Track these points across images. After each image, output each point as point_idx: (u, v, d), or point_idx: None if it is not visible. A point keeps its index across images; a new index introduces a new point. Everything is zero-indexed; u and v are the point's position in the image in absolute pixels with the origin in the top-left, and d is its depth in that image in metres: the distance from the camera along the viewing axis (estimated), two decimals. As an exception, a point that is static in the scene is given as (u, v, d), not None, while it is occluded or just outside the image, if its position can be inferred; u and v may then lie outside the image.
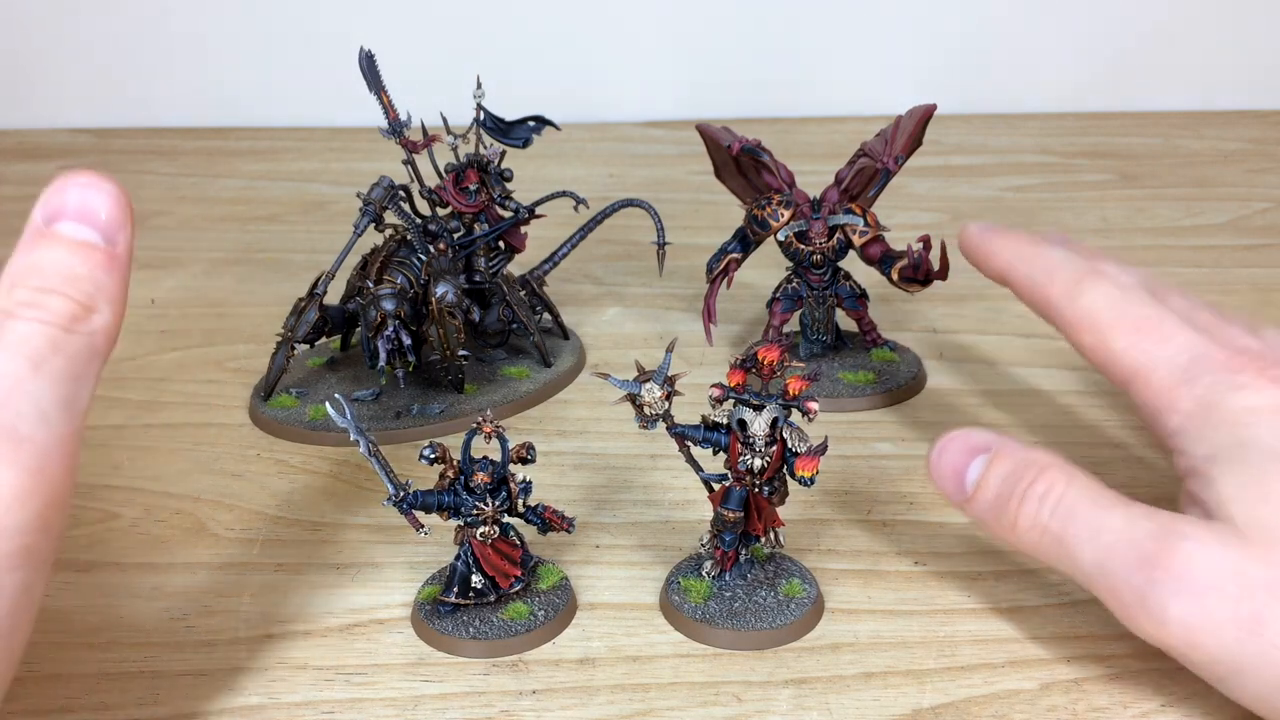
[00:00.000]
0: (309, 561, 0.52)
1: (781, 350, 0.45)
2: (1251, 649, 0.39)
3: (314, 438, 0.62)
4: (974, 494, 0.45)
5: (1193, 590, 0.39)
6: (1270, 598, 0.39)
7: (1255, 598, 0.39)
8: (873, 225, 0.64)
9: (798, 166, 0.67)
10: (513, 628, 0.47)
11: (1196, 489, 0.43)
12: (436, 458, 0.45)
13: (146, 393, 0.67)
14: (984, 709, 0.43)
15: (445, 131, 0.65)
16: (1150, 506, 0.42)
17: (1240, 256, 0.84)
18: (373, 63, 0.63)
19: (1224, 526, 0.41)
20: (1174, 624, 0.40)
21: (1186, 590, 0.39)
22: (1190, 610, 0.39)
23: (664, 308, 0.77)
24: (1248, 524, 0.40)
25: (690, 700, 0.44)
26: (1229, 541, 0.40)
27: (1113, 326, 0.47)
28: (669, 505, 0.56)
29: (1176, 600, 0.39)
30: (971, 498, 0.45)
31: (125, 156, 1.12)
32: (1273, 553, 0.39)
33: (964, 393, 0.65)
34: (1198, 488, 0.43)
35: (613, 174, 1.04)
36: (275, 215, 0.96)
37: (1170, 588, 0.40)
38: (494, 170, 0.65)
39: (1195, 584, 0.39)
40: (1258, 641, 0.39)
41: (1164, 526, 0.41)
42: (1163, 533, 0.41)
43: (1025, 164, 1.05)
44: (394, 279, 0.62)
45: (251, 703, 0.44)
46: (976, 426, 0.47)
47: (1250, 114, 1.18)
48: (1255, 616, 0.39)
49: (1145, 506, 0.42)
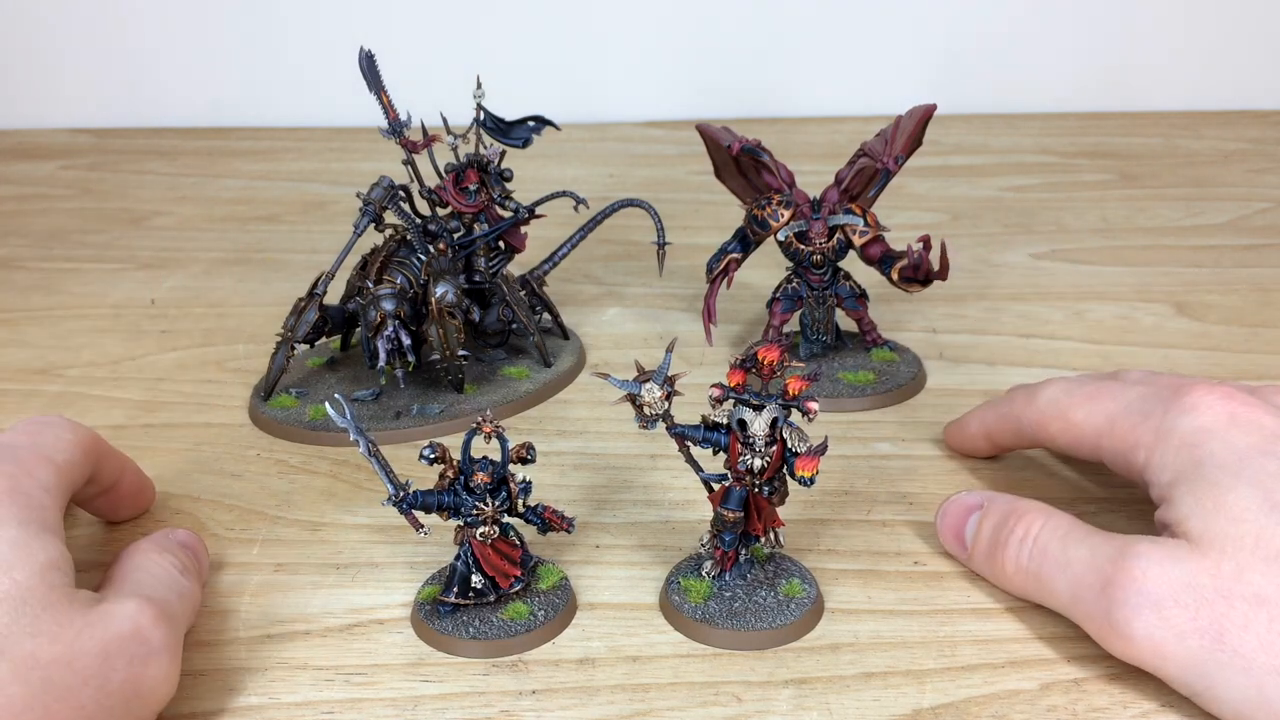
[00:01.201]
0: (309, 561, 0.52)
1: (781, 350, 0.45)
2: (1219, 658, 0.40)
3: (314, 438, 0.62)
4: (972, 549, 0.50)
5: (1151, 604, 0.41)
6: (1228, 606, 0.40)
7: (1213, 607, 0.40)
8: (873, 225, 0.64)
9: (798, 166, 0.67)
10: (513, 628, 0.47)
11: (1164, 515, 0.45)
12: (436, 458, 0.45)
13: (146, 393, 0.67)
14: (984, 709, 0.43)
15: (445, 131, 0.65)
16: (1114, 534, 0.44)
17: (1240, 256, 0.84)
18: (373, 63, 0.63)
19: (1177, 542, 0.42)
20: (1140, 639, 0.41)
21: (1146, 605, 0.41)
22: (1152, 624, 0.41)
23: (664, 308, 0.77)
24: (1202, 535, 0.42)
25: (690, 700, 0.44)
26: (1179, 555, 0.42)
27: (1070, 406, 0.51)
28: (669, 505, 0.56)
29: (1138, 615, 0.41)
30: (970, 553, 0.50)
31: (125, 156, 1.12)
32: (1224, 562, 0.41)
33: (964, 393, 0.65)
34: (1164, 514, 0.45)
35: (613, 174, 1.04)
36: (275, 215, 0.96)
37: (1131, 604, 0.41)
38: (494, 170, 0.65)
39: (1152, 598, 0.41)
40: (1222, 649, 0.40)
41: (1119, 548, 0.43)
42: (1119, 554, 0.43)
43: (1025, 164, 1.05)
44: (394, 279, 0.62)
45: (251, 703, 0.44)
46: (972, 489, 0.52)
47: (1250, 114, 1.18)
48: (1216, 626, 0.40)
49: (1109, 535, 0.44)
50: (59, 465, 0.46)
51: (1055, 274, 0.81)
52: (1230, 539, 0.41)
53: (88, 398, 0.67)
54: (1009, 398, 0.56)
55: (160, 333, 0.75)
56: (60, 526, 0.44)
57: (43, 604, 0.39)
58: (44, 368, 0.71)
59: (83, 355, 0.72)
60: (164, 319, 0.77)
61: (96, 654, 0.39)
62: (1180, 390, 0.47)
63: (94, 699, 0.38)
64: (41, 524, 0.42)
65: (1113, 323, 0.74)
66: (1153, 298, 0.77)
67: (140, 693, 0.40)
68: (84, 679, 0.38)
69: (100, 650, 0.39)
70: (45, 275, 0.85)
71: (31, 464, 0.44)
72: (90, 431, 0.50)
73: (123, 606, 0.41)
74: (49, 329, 0.76)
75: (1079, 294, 0.78)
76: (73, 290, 0.82)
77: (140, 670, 0.40)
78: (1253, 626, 0.40)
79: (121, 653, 0.40)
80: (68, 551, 0.43)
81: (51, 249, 0.90)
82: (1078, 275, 0.81)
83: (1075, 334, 0.72)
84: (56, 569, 0.41)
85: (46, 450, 0.46)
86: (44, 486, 0.44)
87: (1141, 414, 0.47)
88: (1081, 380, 0.52)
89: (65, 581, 0.41)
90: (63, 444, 0.47)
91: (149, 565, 0.46)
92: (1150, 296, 0.77)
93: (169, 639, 0.42)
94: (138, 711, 0.40)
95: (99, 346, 0.73)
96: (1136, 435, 0.47)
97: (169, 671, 0.41)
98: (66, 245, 0.90)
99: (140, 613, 0.41)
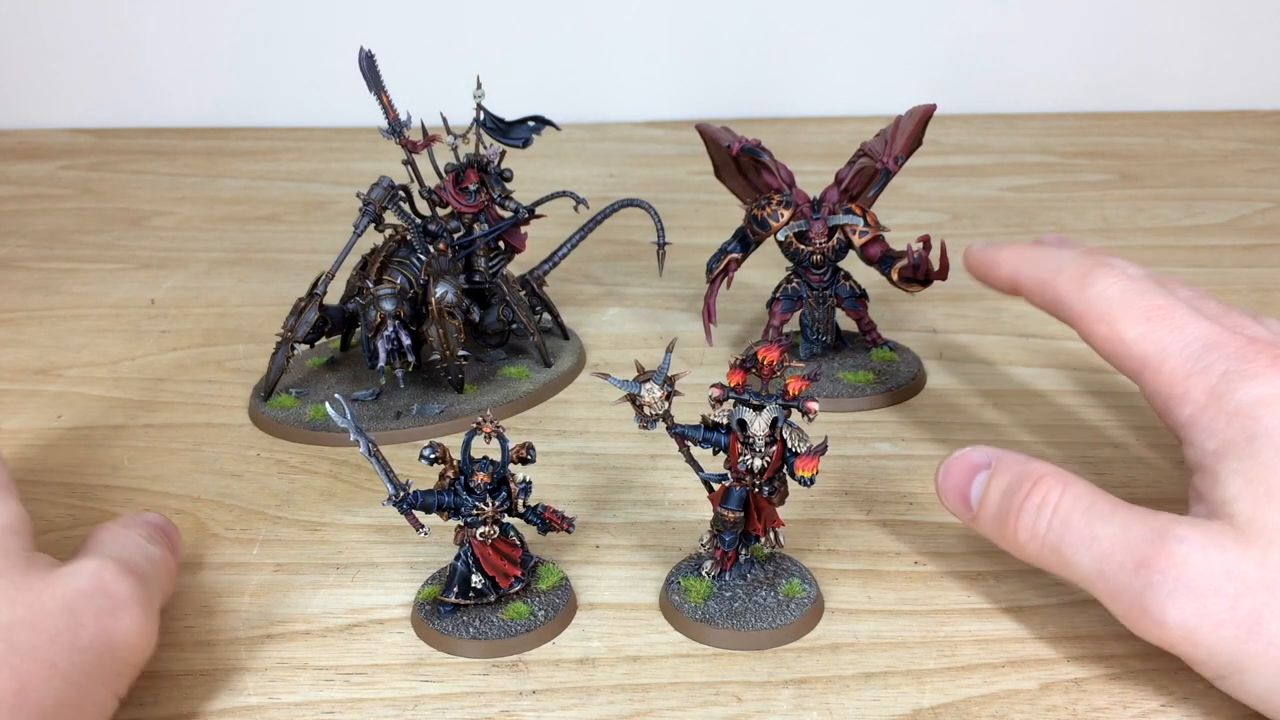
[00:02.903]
0: (309, 561, 0.52)
1: (781, 350, 0.45)
2: (1252, 648, 0.39)
3: (314, 438, 0.62)
4: (978, 511, 0.46)
5: (1190, 591, 0.40)
6: (1270, 597, 0.39)
7: (1254, 597, 0.39)
8: (873, 225, 0.64)
9: (798, 166, 0.67)
10: (513, 628, 0.47)
11: (1203, 486, 0.43)
12: (436, 458, 0.45)
13: (146, 393, 0.67)
14: (984, 709, 0.43)
15: (445, 131, 0.65)
16: (1144, 509, 0.42)
17: (1240, 256, 0.84)
18: (373, 63, 0.63)
19: (1220, 526, 0.41)
20: (1174, 625, 0.40)
21: (1184, 591, 0.40)
22: (1189, 611, 0.39)
23: (664, 308, 0.77)
24: (1250, 522, 0.40)
25: (690, 700, 0.44)
26: (1224, 543, 0.40)
27: (1123, 315, 0.46)
28: (669, 505, 0.56)
29: (1174, 602, 0.40)
30: (976, 515, 0.46)
31: (125, 156, 1.12)
32: (1273, 553, 0.39)
33: (964, 393, 0.65)
34: (1204, 485, 0.43)
35: (613, 174, 1.04)
36: (275, 215, 0.96)
37: (1167, 590, 0.40)
38: (494, 170, 0.65)
39: (1192, 585, 0.40)
40: (1257, 640, 0.39)
41: (1157, 530, 0.41)
42: (1157, 536, 0.41)
43: (1025, 164, 1.05)
44: (394, 279, 0.62)
45: (251, 703, 0.44)
46: (979, 445, 0.47)
47: (1250, 114, 1.18)
48: (1254, 616, 0.39)
49: (1139, 510, 0.42)
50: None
51: (1055, 274, 0.81)
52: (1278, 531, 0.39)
53: (88, 398, 0.67)
54: (1055, 264, 0.50)
55: (160, 333, 0.75)
56: (13, 487, 0.44)
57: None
58: (44, 368, 0.71)
59: (83, 355, 0.72)
60: (164, 319, 0.77)
61: (60, 611, 0.39)
62: (1246, 352, 0.43)
63: (64, 655, 0.38)
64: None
65: (1113, 323, 0.73)
66: (1153, 298, 0.77)
67: (112, 645, 0.40)
68: (50, 636, 0.38)
69: (63, 607, 0.39)
70: (45, 275, 0.85)
71: None
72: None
73: (84, 565, 0.41)
74: (49, 329, 0.76)
75: (1079, 294, 0.78)
76: (73, 290, 0.82)
77: (109, 622, 0.40)
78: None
79: (87, 607, 0.39)
80: (25, 513, 0.42)
81: (51, 249, 0.90)
82: (1078, 275, 0.81)
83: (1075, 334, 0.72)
84: (13, 533, 0.41)
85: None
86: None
87: (1199, 363, 0.44)
88: (1143, 286, 0.47)
89: (22, 545, 0.41)
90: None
91: (114, 536, 0.45)
92: (1150, 296, 0.77)
93: (136, 592, 0.41)
94: (113, 666, 0.40)
95: (99, 346, 0.73)
96: (1187, 386, 0.44)
97: (141, 624, 0.41)
98: (66, 245, 0.90)
99: (103, 568, 0.41)
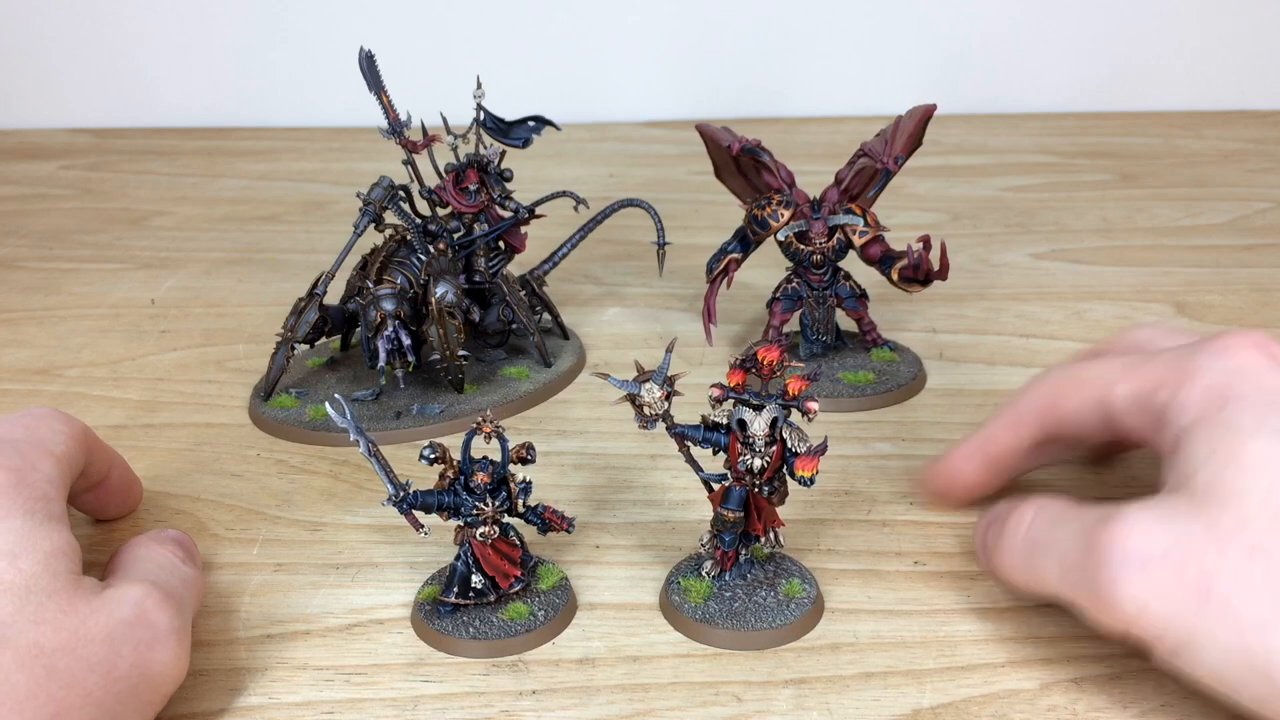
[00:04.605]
0: (309, 561, 0.52)
1: (781, 350, 0.45)
2: (1203, 612, 0.38)
3: (314, 438, 0.62)
4: (980, 556, 0.48)
5: (1136, 564, 0.39)
6: (1219, 556, 0.38)
7: (1202, 560, 0.38)
8: (873, 225, 0.64)
9: (798, 166, 0.67)
10: (513, 628, 0.47)
11: (1170, 468, 0.42)
12: (436, 458, 0.45)
13: (146, 393, 0.67)
14: (984, 709, 0.43)
15: (445, 131, 0.65)
16: (1100, 504, 0.42)
17: (1240, 256, 0.84)
18: (373, 63, 0.63)
19: (1174, 499, 0.40)
20: (1125, 602, 0.39)
21: (1131, 565, 0.39)
22: (1137, 584, 0.39)
23: (664, 308, 0.77)
24: (1208, 486, 0.40)
25: (690, 700, 0.44)
26: (1174, 514, 0.40)
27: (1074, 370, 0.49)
28: (669, 505, 0.56)
29: (1123, 577, 0.39)
30: (982, 561, 0.48)
31: (125, 156, 1.12)
32: (1226, 514, 0.39)
33: (964, 393, 0.65)
34: (1171, 465, 0.42)
35: (613, 174, 1.04)
36: (275, 215, 0.96)
37: (1115, 567, 0.39)
38: (494, 170, 0.65)
39: (1137, 558, 0.39)
40: (1208, 604, 0.38)
41: (1103, 514, 0.41)
42: (1102, 518, 0.41)
43: (1025, 164, 1.05)
44: (394, 279, 0.62)
45: (251, 703, 0.44)
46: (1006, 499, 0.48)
47: (1250, 114, 1.18)
48: (1203, 578, 0.38)
49: (1100, 506, 0.42)
50: (58, 457, 0.46)
51: (1055, 274, 0.81)
52: (1238, 491, 0.39)
53: (88, 398, 0.67)
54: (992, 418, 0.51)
55: (160, 333, 0.75)
56: (65, 516, 0.44)
57: (47, 592, 0.39)
58: (44, 368, 0.71)
59: (83, 355, 0.72)
60: (164, 319, 0.77)
61: (102, 640, 0.39)
62: (1219, 342, 0.44)
63: (100, 685, 0.39)
64: (47, 514, 0.42)
65: (1113, 323, 0.73)
66: (1153, 298, 0.77)
67: (148, 677, 0.40)
68: (89, 665, 0.39)
69: (105, 636, 0.39)
70: (45, 275, 0.85)
71: (34, 457, 0.45)
72: (81, 423, 0.50)
73: (128, 591, 0.41)
74: (49, 329, 0.76)
75: (1079, 294, 0.78)
76: (73, 290, 0.82)
77: (147, 655, 0.40)
78: (1245, 578, 0.37)
79: (127, 638, 0.40)
80: (74, 539, 0.43)
81: (51, 249, 0.90)
82: (1077, 275, 0.81)
83: (1075, 334, 0.72)
84: (63, 555, 0.41)
85: (46, 443, 0.46)
86: (48, 478, 0.44)
87: (1168, 356, 0.45)
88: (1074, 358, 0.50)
89: (71, 568, 0.41)
90: (59, 436, 0.47)
91: (151, 555, 0.46)
92: (1150, 296, 0.77)
93: (175, 622, 0.42)
94: (146, 696, 0.40)
95: (99, 346, 0.73)
96: (1160, 374, 0.44)
97: (176, 655, 0.41)
98: (66, 245, 0.90)
99: (146, 597, 0.41)
